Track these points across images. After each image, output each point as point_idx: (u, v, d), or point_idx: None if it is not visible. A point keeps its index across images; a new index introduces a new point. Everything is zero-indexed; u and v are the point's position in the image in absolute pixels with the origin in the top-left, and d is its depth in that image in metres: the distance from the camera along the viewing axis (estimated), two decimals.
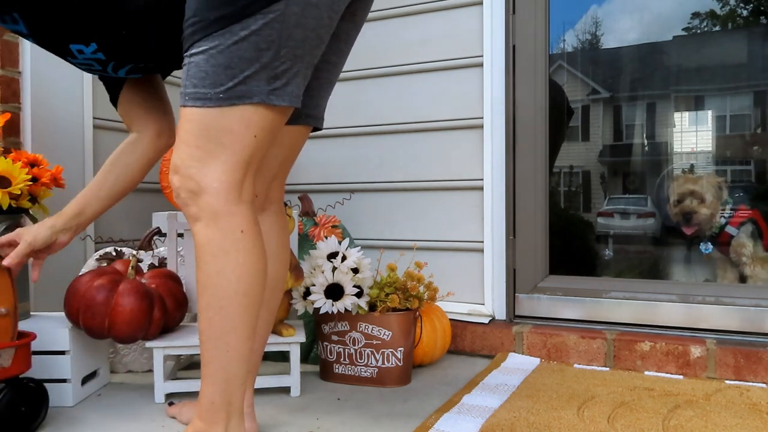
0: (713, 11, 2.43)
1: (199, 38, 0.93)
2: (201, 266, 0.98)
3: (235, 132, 0.95)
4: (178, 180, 0.97)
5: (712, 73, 2.49)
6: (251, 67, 0.92)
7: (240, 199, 0.98)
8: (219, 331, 0.98)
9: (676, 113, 2.59)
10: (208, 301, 0.98)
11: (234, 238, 0.97)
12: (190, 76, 0.95)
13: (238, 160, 0.96)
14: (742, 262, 2.17)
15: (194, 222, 0.98)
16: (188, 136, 0.96)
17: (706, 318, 1.71)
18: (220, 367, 0.99)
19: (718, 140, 2.55)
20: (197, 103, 0.95)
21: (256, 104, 0.94)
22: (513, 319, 1.92)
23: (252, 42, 0.91)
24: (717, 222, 2.24)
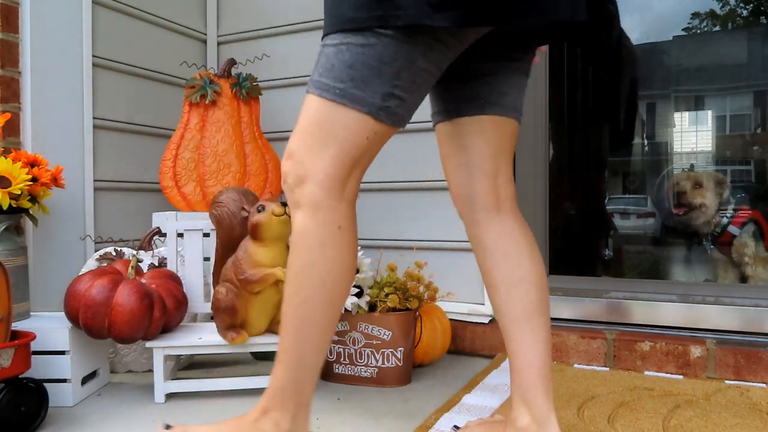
0: (713, 11, 2.43)
1: (334, 31, 0.95)
2: (295, 254, 0.98)
3: (349, 129, 0.96)
4: (290, 164, 0.98)
5: (712, 73, 2.49)
6: (370, 75, 0.93)
7: (342, 196, 0.98)
8: (301, 321, 0.98)
9: (676, 113, 2.59)
10: (297, 289, 0.98)
11: (331, 233, 0.97)
12: (320, 65, 0.97)
13: (347, 157, 0.97)
14: (743, 262, 2.17)
15: (295, 209, 0.98)
16: (306, 122, 0.98)
17: (706, 318, 1.71)
18: (297, 357, 0.99)
19: (718, 140, 2.55)
20: (318, 91, 0.96)
21: (365, 113, 0.95)
22: None
23: (377, 52, 0.92)
24: (715, 217, 2.23)
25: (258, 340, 1.47)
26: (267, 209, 1.37)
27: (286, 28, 2.21)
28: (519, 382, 1.08)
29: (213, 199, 1.51)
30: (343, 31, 0.94)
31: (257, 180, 1.84)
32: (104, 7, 1.93)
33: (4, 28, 1.64)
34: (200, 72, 1.86)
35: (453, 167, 1.15)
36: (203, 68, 2.29)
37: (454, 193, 1.17)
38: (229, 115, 1.82)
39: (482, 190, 1.12)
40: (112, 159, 1.96)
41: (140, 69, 2.06)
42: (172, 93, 2.16)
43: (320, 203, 0.96)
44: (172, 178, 1.81)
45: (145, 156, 2.08)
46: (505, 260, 1.10)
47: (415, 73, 0.95)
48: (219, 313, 1.43)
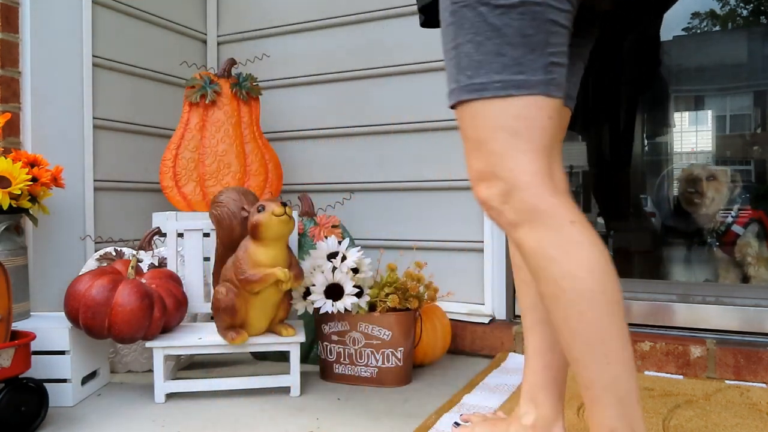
0: (713, 11, 2.43)
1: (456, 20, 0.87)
2: (541, 276, 0.85)
3: (528, 117, 0.85)
4: (486, 187, 0.87)
5: (712, 73, 2.49)
6: (523, 54, 0.84)
7: (555, 190, 0.86)
8: (589, 342, 0.83)
9: (676, 113, 2.59)
10: (565, 312, 0.84)
11: (566, 233, 0.84)
12: (463, 68, 0.88)
13: (540, 147, 0.86)
14: (746, 262, 2.17)
15: (515, 229, 0.86)
16: (480, 135, 0.88)
17: (706, 318, 1.71)
18: (607, 386, 0.83)
19: (718, 140, 2.55)
20: (476, 94, 0.87)
21: (536, 94, 0.85)
22: (513, 319, 1.92)
23: (519, 26, 0.83)
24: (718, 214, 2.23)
25: (258, 340, 1.47)
26: (267, 209, 1.37)
27: (286, 28, 2.21)
28: (533, 382, 1.06)
29: (213, 199, 1.51)
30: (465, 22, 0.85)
31: (257, 180, 1.84)
32: (104, 7, 1.93)
33: (4, 28, 1.64)
34: (200, 72, 1.86)
35: None
36: (203, 68, 2.29)
37: None
38: (229, 115, 1.82)
39: None
40: (112, 159, 1.96)
41: (140, 69, 2.06)
42: (172, 93, 2.16)
43: (538, 207, 0.85)
44: (172, 178, 1.81)
45: (145, 156, 2.08)
46: None
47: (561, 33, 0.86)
48: (219, 313, 1.43)
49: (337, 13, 2.12)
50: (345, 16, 2.11)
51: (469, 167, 0.91)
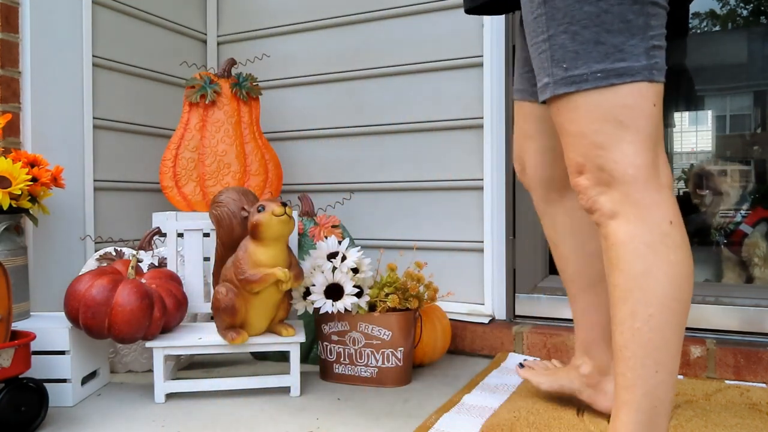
0: (713, 11, 2.43)
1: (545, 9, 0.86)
2: (622, 267, 0.85)
3: (632, 106, 0.84)
4: (586, 178, 0.88)
5: (712, 73, 2.49)
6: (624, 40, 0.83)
7: (660, 184, 0.86)
8: (648, 347, 0.84)
9: (676, 113, 2.59)
10: (633, 308, 0.84)
11: (662, 232, 0.84)
12: (559, 60, 0.86)
13: (646, 137, 0.85)
14: (753, 262, 2.16)
15: (610, 219, 0.87)
16: (581, 127, 0.87)
17: (706, 318, 1.71)
18: (647, 392, 0.85)
19: (718, 140, 2.55)
20: (575, 86, 0.85)
21: (639, 81, 0.83)
22: (513, 319, 1.92)
23: (618, 11, 0.82)
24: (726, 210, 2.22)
25: (258, 340, 1.47)
26: (267, 209, 1.37)
27: (286, 28, 2.22)
28: (584, 339, 1.21)
29: (213, 199, 1.51)
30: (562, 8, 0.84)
31: (257, 180, 1.84)
32: (104, 7, 1.93)
33: (4, 28, 1.64)
34: (200, 72, 1.86)
35: (535, 150, 1.14)
36: (203, 68, 2.29)
37: (530, 174, 1.17)
38: (229, 115, 1.82)
39: (562, 173, 1.12)
40: (112, 159, 1.96)
41: (140, 69, 2.06)
42: (172, 93, 2.17)
43: (639, 201, 0.85)
44: (172, 178, 1.81)
45: (145, 156, 2.08)
46: (576, 235, 1.16)
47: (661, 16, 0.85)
48: (219, 313, 1.43)
49: (337, 13, 2.12)
50: (345, 16, 2.11)
51: (568, 159, 0.90)
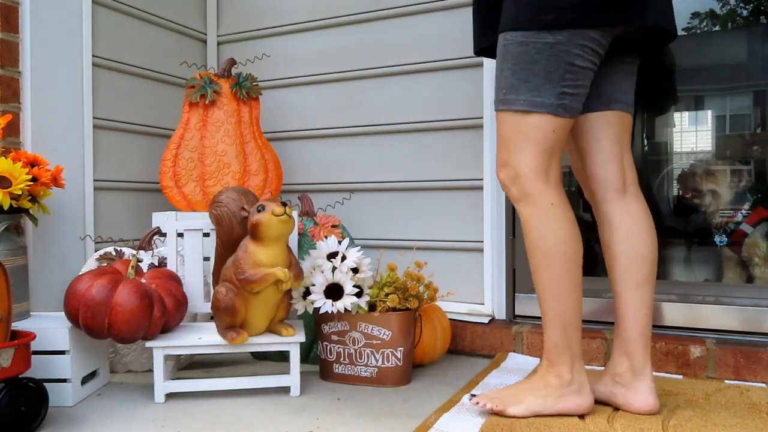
0: (713, 11, 2.43)
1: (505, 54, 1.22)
2: (526, 236, 1.25)
3: (537, 128, 1.21)
4: (506, 171, 1.25)
5: (712, 73, 2.49)
6: (543, 84, 1.19)
7: (547, 180, 1.23)
8: (549, 284, 1.23)
9: (676, 113, 2.59)
10: (536, 262, 1.24)
11: (547, 210, 1.22)
12: (502, 86, 1.24)
13: (542, 150, 1.22)
14: (753, 262, 2.15)
15: (517, 203, 1.25)
16: (506, 135, 1.25)
17: (706, 318, 1.71)
18: (556, 315, 1.23)
19: (718, 140, 2.55)
20: (506, 106, 1.23)
21: (547, 113, 1.20)
22: (513, 318, 1.92)
23: (543, 65, 1.19)
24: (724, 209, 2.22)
25: (258, 340, 1.47)
26: (267, 209, 1.37)
27: (286, 28, 2.22)
28: (623, 337, 1.32)
29: (213, 199, 1.51)
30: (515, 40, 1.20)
31: (257, 180, 1.85)
32: (104, 7, 1.93)
33: (4, 28, 1.64)
34: (200, 72, 1.86)
35: (588, 155, 1.36)
36: (203, 68, 2.29)
37: (589, 176, 1.37)
38: (229, 115, 1.82)
39: (613, 172, 1.34)
40: (112, 159, 1.96)
41: (140, 69, 2.06)
42: (172, 93, 2.17)
43: (532, 190, 1.22)
44: (172, 178, 1.81)
45: (145, 156, 2.08)
46: (629, 236, 1.32)
47: (577, 72, 1.20)
48: (219, 313, 1.43)
49: (337, 13, 2.12)
50: (345, 16, 2.11)
51: (497, 156, 1.27)
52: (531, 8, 1.18)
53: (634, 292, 1.31)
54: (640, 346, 1.30)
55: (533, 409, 1.24)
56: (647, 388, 1.28)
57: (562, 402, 1.24)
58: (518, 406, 1.24)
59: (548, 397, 1.24)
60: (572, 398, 1.24)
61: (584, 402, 1.25)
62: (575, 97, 1.22)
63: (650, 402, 1.27)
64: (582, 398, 1.25)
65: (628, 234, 1.32)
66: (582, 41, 1.18)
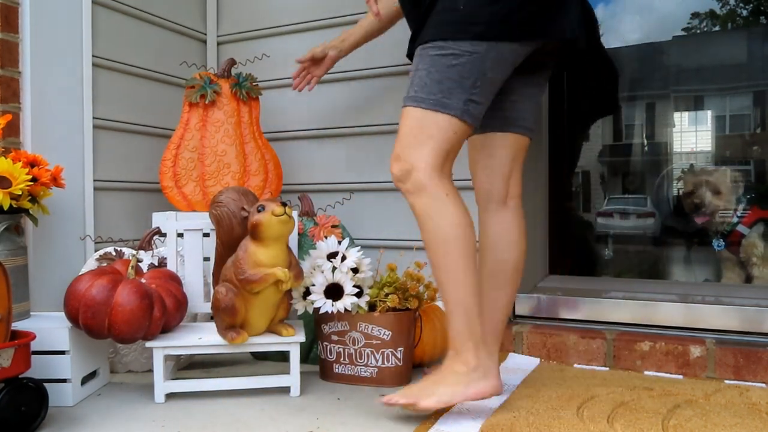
0: (713, 11, 2.43)
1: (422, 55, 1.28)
2: (422, 227, 1.28)
3: (441, 128, 1.26)
4: (399, 164, 1.29)
5: (712, 73, 2.49)
6: (454, 88, 1.24)
7: (441, 174, 1.28)
8: (448, 271, 1.27)
9: (676, 113, 2.59)
10: (435, 250, 1.27)
11: (441, 200, 1.26)
12: (414, 84, 1.28)
13: (441, 149, 1.27)
14: (751, 262, 2.16)
15: (409, 195, 1.29)
16: (407, 128, 1.29)
17: (706, 318, 1.71)
18: (458, 302, 1.27)
19: (718, 140, 2.55)
20: (415, 103, 1.27)
21: (453, 115, 1.25)
22: (513, 319, 1.92)
23: (458, 70, 1.24)
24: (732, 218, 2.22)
25: (258, 340, 1.47)
26: (267, 209, 1.37)
27: (286, 28, 2.22)
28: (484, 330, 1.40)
29: (213, 199, 1.51)
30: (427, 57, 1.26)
31: (257, 179, 1.85)
32: (104, 7, 1.93)
33: (4, 28, 1.64)
34: (200, 72, 1.86)
35: (480, 168, 1.46)
36: (203, 68, 2.29)
37: (477, 187, 1.47)
38: (229, 115, 1.82)
39: (498, 187, 1.44)
40: (112, 159, 1.96)
41: (140, 69, 2.06)
42: (172, 93, 2.16)
43: (426, 183, 1.26)
44: (172, 178, 1.81)
45: (145, 156, 2.08)
46: (497, 245, 1.44)
47: (487, 83, 1.27)
48: (219, 313, 1.43)
49: (337, 14, 2.12)
50: (345, 16, 2.11)
51: (394, 149, 1.30)
52: (458, 21, 1.24)
53: (493, 294, 1.43)
54: (491, 337, 1.42)
55: (444, 399, 1.27)
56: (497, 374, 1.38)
57: (470, 388, 1.27)
58: (429, 399, 1.26)
59: (457, 385, 1.27)
60: (480, 383, 1.28)
61: (491, 385, 1.29)
62: (479, 105, 1.27)
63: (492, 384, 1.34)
64: (489, 382, 1.29)
65: (496, 242, 1.43)
66: (499, 54, 1.25)
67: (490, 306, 1.43)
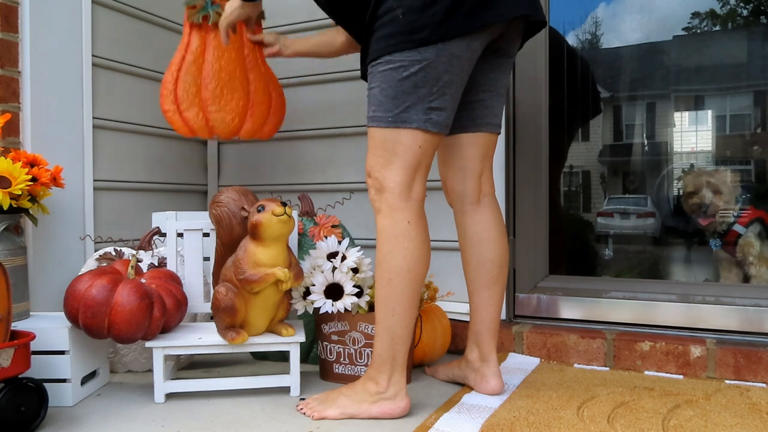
0: (713, 11, 2.43)
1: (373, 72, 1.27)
2: (378, 247, 1.28)
3: (405, 144, 1.25)
4: (371, 181, 1.30)
5: (712, 73, 2.49)
6: (410, 100, 1.23)
7: (409, 197, 1.27)
8: (387, 299, 1.27)
9: (676, 113, 2.59)
10: (381, 274, 1.27)
11: (402, 227, 1.25)
12: (371, 104, 1.28)
13: (408, 166, 1.26)
14: (748, 261, 2.16)
15: (377, 213, 1.29)
16: (373, 148, 1.29)
17: (706, 318, 1.71)
18: (387, 328, 1.28)
19: (718, 140, 2.55)
20: (375, 123, 1.27)
21: (414, 128, 1.24)
22: (513, 318, 1.92)
23: (411, 81, 1.22)
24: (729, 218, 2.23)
25: (258, 340, 1.47)
26: (267, 209, 1.37)
27: (286, 28, 2.21)
28: (474, 330, 1.47)
29: (213, 199, 1.51)
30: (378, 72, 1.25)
31: (260, 108, 1.78)
32: (104, 7, 1.93)
33: (4, 28, 1.64)
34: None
35: (451, 169, 1.46)
36: None
37: (449, 189, 1.48)
38: (232, 40, 1.73)
39: (471, 188, 1.44)
40: (112, 159, 1.96)
41: (140, 69, 2.06)
42: None
43: (394, 205, 1.26)
44: (174, 102, 1.74)
45: (145, 156, 2.08)
46: (478, 244, 1.44)
47: (445, 87, 1.24)
48: (219, 313, 1.43)
49: None
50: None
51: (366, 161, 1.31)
52: (400, 32, 1.21)
53: (483, 293, 1.45)
54: (487, 338, 1.45)
55: (349, 412, 1.30)
56: (492, 373, 1.44)
57: (376, 406, 1.29)
58: (335, 409, 1.30)
59: (363, 402, 1.30)
60: (386, 403, 1.29)
61: (398, 407, 1.30)
62: (442, 111, 1.25)
63: (492, 385, 1.43)
64: (396, 403, 1.30)
65: (478, 242, 1.44)
66: (450, 55, 1.22)
67: (481, 305, 1.45)
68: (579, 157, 2.68)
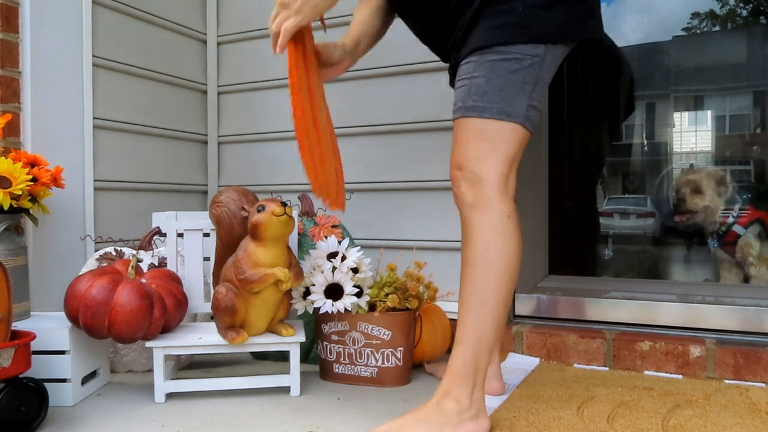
0: (713, 11, 2.44)
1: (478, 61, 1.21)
2: (471, 243, 1.20)
3: (507, 137, 1.20)
4: (463, 174, 1.21)
5: (711, 74, 2.49)
6: (517, 94, 1.19)
7: (506, 191, 1.21)
8: (480, 299, 1.19)
9: (676, 113, 2.59)
10: (475, 271, 1.20)
11: (502, 222, 1.19)
12: (471, 93, 1.20)
13: (508, 158, 1.20)
14: (748, 262, 2.17)
15: (470, 208, 1.20)
16: (468, 139, 1.21)
17: (706, 318, 1.71)
18: (475, 332, 1.18)
19: (718, 140, 2.55)
20: (476, 113, 1.20)
21: (517, 123, 1.19)
22: (513, 318, 1.92)
23: (520, 75, 1.19)
24: (718, 216, 2.23)
25: (258, 340, 1.47)
26: (267, 209, 1.37)
27: None
28: None
29: (213, 199, 1.52)
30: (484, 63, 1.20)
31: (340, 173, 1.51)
32: (104, 7, 1.93)
33: (4, 28, 1.64)
34: None
35: None
36: None
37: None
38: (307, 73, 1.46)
39: None
40: (112, 159, 1.96)
41: (140, 69, 2.06)
42: (172, 93, 2.17)
43: (493, 198, 1.19)
44: None
45: (145, 156, 2.09)
46: None
47: (543, 87, 1.23)
48: (219, 313, 1.43)
49: (337, 14, 2.12)
50: (345, 17, 2.11)
51: (452, 158, 1.24)
52: (517, 24, 1.19)
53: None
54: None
55: None
56: (493, 373, 1.42)
57: (459, 428, 1.14)
58: None
59: (445, 426, 1.14)
60: (471, 425, 1.16)
61: (482, 427, 1.17)
62: (538, 111, 1.24)
63: (494, 386, 1.42)
64: (479, 423, 1.17)
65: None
66: (553, 57, 1.23)
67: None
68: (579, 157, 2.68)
